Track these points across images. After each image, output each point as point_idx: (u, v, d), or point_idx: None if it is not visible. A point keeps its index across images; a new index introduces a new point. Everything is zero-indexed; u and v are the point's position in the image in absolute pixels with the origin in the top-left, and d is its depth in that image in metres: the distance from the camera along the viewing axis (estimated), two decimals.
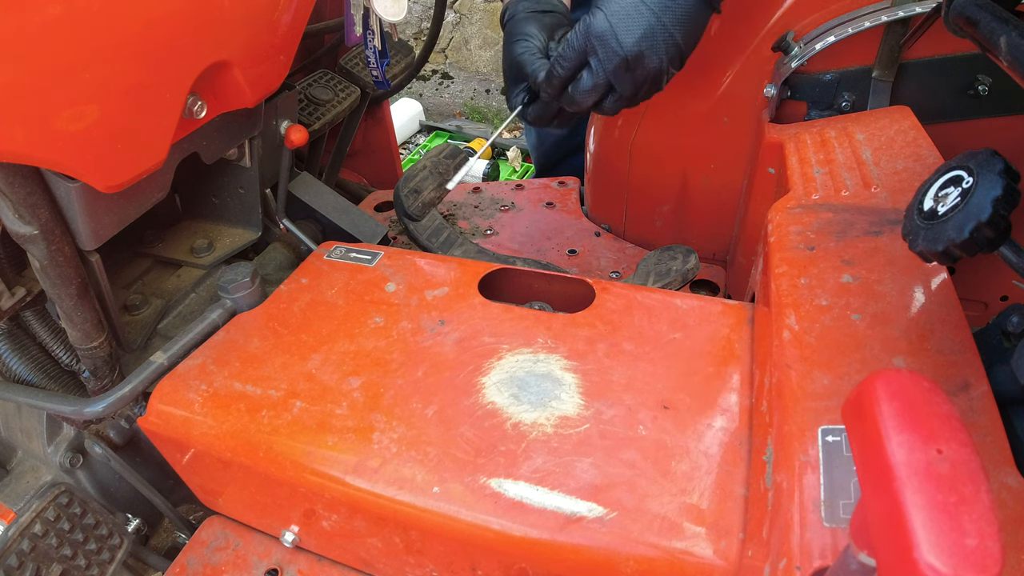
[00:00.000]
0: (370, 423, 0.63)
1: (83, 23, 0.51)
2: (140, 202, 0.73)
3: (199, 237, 0.94)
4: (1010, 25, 0.53)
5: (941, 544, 0.24)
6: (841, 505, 0.43)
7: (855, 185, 0.72)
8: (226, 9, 0.65)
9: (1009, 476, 0.43)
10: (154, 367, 0.72)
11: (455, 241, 1.16)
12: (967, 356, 0.50)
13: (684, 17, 0.69)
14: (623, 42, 0.69)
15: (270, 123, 0.91)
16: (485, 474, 0.57)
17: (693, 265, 0.93)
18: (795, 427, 0.48)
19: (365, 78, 1.24)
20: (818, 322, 0.56)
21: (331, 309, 0.78)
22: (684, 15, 0.69)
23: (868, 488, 0.28)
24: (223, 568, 0.74)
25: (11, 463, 0.87)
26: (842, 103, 0.90)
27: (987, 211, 0.43)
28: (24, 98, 0.50)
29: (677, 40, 0.70)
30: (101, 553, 0.74)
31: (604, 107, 0.76)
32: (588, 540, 0.52)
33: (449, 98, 3.55)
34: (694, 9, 0.70)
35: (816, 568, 0.41)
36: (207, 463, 0.69)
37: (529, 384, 0.64)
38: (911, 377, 0.29)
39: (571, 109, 0.78)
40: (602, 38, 0.70)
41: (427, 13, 3.55)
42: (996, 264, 0.57)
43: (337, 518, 0.64)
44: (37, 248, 0.63)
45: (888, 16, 0.81)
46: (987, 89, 0.83)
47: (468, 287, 0.78)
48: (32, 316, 0.75)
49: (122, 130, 0.60)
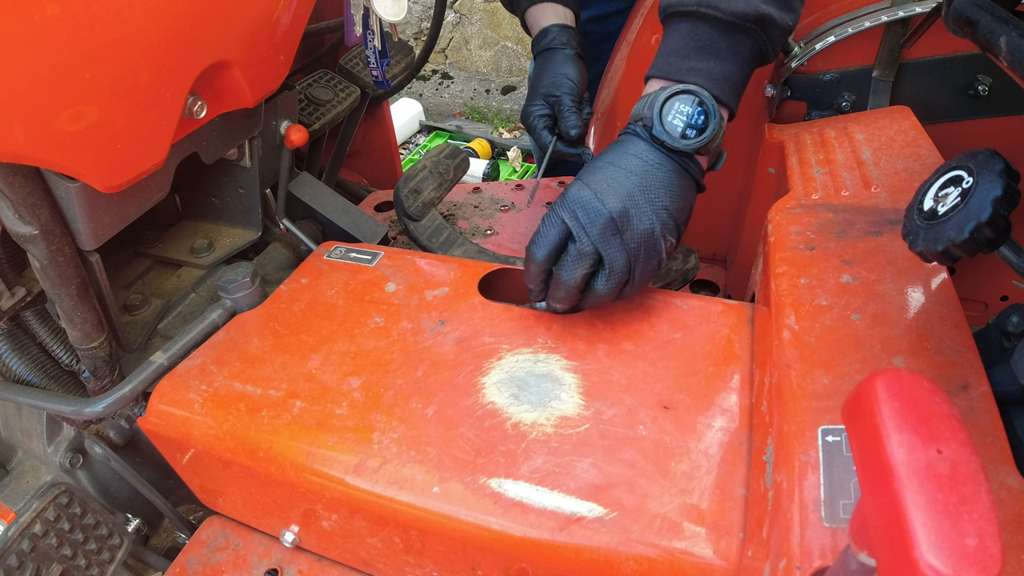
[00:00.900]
0: (370, 423, 0.63)
1: (83, 23, 0.51)
2: (140, 202, 0.73)
3: (199, 237, 0.94)
4: (1010, 25, 0.53)
5: (941, 544, 0.24)
6: (841, 505, 0.43)
7: (855, 185, 0.72)
8: (226, 9, 0.65)
9: (1009, 476, 0.43)
10: (154, 367, 0.72)
11: (455, 241, 1.16)
12: (967, 356, 0.50)
13: (669, 183, 0.66)
14: (606, 202, 0.63)
15: (270, 123, 0.91)
16: (485, 474, 0.57)
17: (693, 265, 0.93)
18: (795, 427, 0.48)
19: (365, 78, 1.24)
20: (818, 322, 0.56)
21: (331, 309, 0.78)
22: (668, 181, 0.66)
23: (868, 488, 0.28)
24: (223, 568, 0.74)
25: (11, 463, 0.87)
26: (842, 103, 0.90)
27: (987, 211, 0.43)
28: (24, 98, 0.50)
29: (666, 203, 0.65)
30: (101, 553, 0.74)
31: (596, 288, 0.65)
32: (588, 540, 0.52)
33: (449, 98, 3.55)
34: (677, 175, 0.67)
35: (816, 568, 0.41)
36: (207, 463, 0.69)
37: (529, 384, 0.64)
38: (911, 377, 0.29)
39: (559, 298, 0.67)
40: (583, 201, 0.64)
41: (427, 13, 3.55)
42: (996, 264, 0.57)
43: (337, 518, 0.64)
44: (37, 248, 0.63)
45: (888, 16, 0.81)
46: (987, 89, 0.83)
47: (468, 287, 0.78)
48: (32, 316, 0.75)
49: (122, 130, 0.60)
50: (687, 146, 0.66)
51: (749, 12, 0.66)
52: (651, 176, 0.66)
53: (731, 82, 0.68)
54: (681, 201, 0.67)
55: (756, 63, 0.71)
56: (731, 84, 0.69)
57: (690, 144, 0.66)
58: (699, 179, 0.69)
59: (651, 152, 0.67)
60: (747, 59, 0.69)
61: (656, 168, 0.66)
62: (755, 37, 0.68)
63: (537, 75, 0.99)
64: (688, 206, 0.69)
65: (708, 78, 0.67)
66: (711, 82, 0.67)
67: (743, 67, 0.69)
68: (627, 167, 0.66)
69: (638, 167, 0.66)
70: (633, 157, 0.67)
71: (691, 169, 0.68)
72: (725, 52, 0.68)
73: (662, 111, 0.67)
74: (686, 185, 0.68)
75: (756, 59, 0.70)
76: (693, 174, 0.68)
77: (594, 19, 1.34)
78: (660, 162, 0.67)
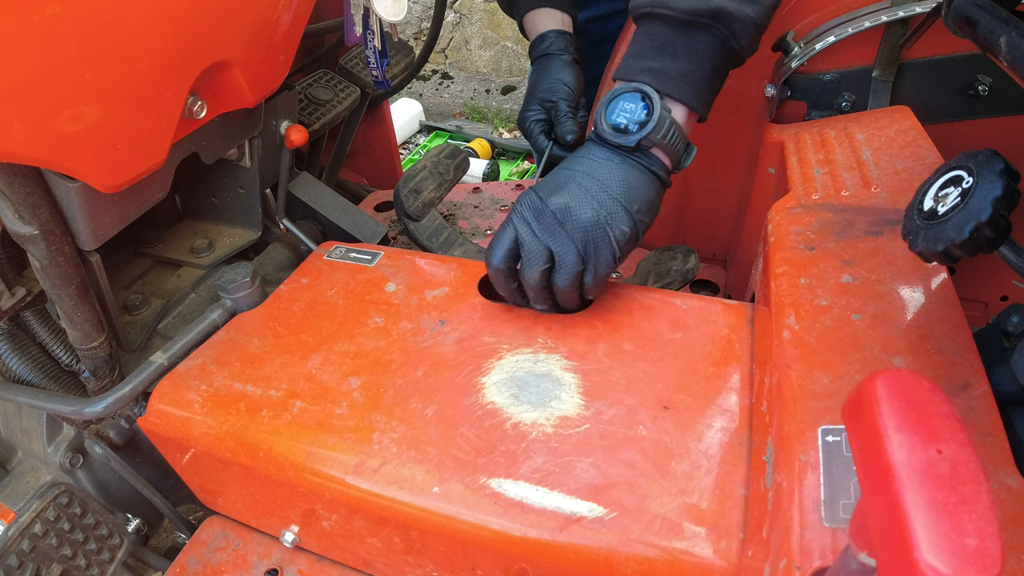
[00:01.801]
0: (370, 423, 0.63)
1: (83, 23, 0.51)
2: (140, 202, 0.73)
3: (199, 237, 0.94)
4: (1010, 25, 0.53)
5: (941, 544, 0.24)
6: (841, 505, 0.43)
7: (855, 185, 0.72)
8: (226, 9, 0.65)
9: (1009, 476, 0.43)
10: (154, 367, 0.72)
11: (455, 241, 1.16)
12: (967, 356, 0.50)
13: (617, 176, 0.67)
14: (548, 199, 0.66)
15: (270, 123, 0.91)
16: (485, 474, 0.57)
17: (693, 265, 0.93)
18: (795, 427, 0.48)
19: (365, 78, 1.24)
20: (818, 322, 0.56)
21: (331, 309, 0.78)
22: (616, 174, 0.67)
23: (868, 488, 0.28)
24: (223, 568, 0.74)
25: (11, 463, 0.87)
26: (842, 103, 0.90)
27: (987, 211, 0.43)
28: (24, 98, 0.50)
29: (613, 194, 0.66)
30: (101, 553, 0.74)
31: (556, 282, 0.67)
32: (588, 540, 0.52)
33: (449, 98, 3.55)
34: (625, 169, 0.67)
35: (816, 568, 0.41)
36: (207, 463, 0.69)
37: (529, 384, 0.64)
38: (911, 377, 0.29)
39: (534, 299, 0.70)
40: (528, 203, 0.67)
41: (427, 13, 3.55)
42: (996, 264, 0.57)
43: (337, 518, 0.64)
44: (37, 248, 0.63)
45: (888, 16, 0.81)
46: (987, 89, 0.83)
47: (468, 287, 0.78)
48: (32, 316, 0.75)
49: (122, 130, 0.60)
50: (627, 141, 0.67)
51: (701, 8, 0.65)
52: (596, 171, 0.67)
53: (689, 80, 0.68)
54: (634, 193, 0.67)
55: (724, 60, 0.69)
56: (689, 82, 0.68)
57: (630, 139, 0.66)
58: (659, 173, 0.69)
59: (599, 150, 0.69)
60: (708, 56, 0.68)
61: (603, 163, 0.68)
62: (714, 33, 0.67)
63: (534, 80, 1.00)
64: (646, 199, 0.68)
65: (661, 77, 0.67)
66: (663, 80, 0.67)
67: (703, 64, 0.68)
68: (574, 167, 0.69)
69: (584, 165, 0.68)
70: (583, 159, 0.69)
71: (645, 163, 0.68)
72: (682, 50, 0.68)
73: (607, 111, 0.68)
74: (639, 178, 0.68)
75: (722, 56, 0.69)
76: (650, 168, 0.68)
77: (594, 19, 1.34)
78: (608, 158, 0.68)
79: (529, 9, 1.03)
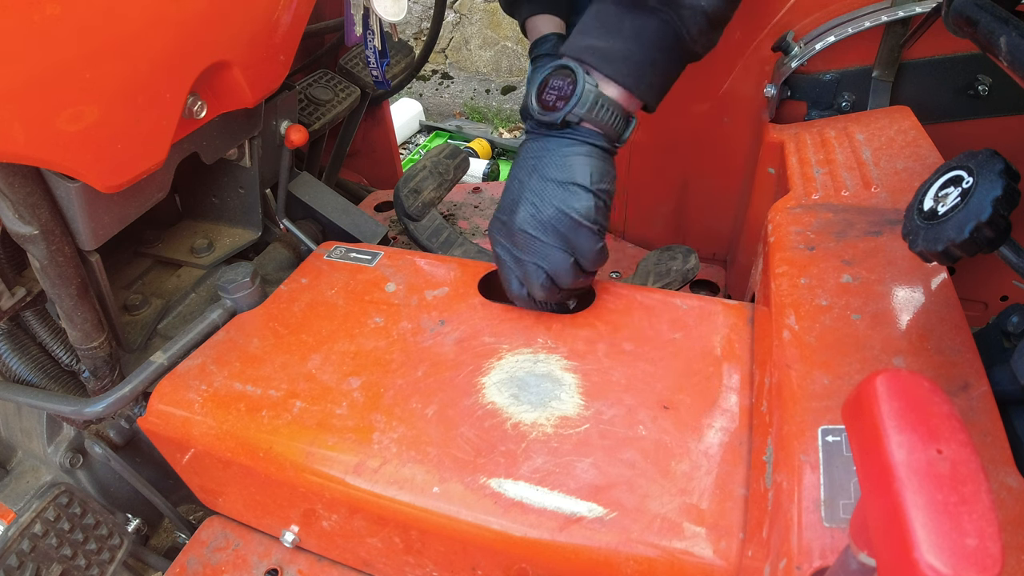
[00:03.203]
0: (370, 423, 0.63)
1: (83, 23, 0.51)
2: (140, 202, 0.73)
3: (199, 237, 0.94)
4: (1010, 25, 0.53)
5: (941, 544, 0.24)
6: (841, 505, 0.43)
7: (855, 185, 0.72)
8: (226, 9, 0.65)
9: (1009, 476, 0.43)
10: (154, 367, 0.72)
11: (455, 241, 1.16)
12: (967, 356, 0.50)
13: (559, 158, 0.66)
14: (509, 219, 0.68)
15: (270, 123, 0.91)
16: (485, 474, 0.57)
17: (693, 265, 0.93)
18: (795, 427, 0.48)
19: (365, 78, 1.24)
20: (818, 322, 0.56)
21: (331, 309, 0.78)
22: (549, 159, 0.66)
23: (868, 488, 0.28)
24: (223, 568, 0.74)
25: (11, 463, 0.87)
26: (842, 103, 0.90)
27: (987, 211, 0.43)
28: (24, 98, 0.50)
29: (562, 178, 0.66)
30: (101, 553, 0.74)
31: (562, 285, 0.68)
32: (588, 540, 0.52)
33: (449, 98, 3.55)
34: (559, 149, 0.66)
35: (816, 568, 0.41)
36: (207, 463, 0.69)
37: (529, 384, 0.64)
38: (911, 377, 0.29)
39: (555, 305, 0.74)
40: (494, 226, 0.70)
41: (427, 13, 3.55)
42: (996, 264, 0.57)
43: (337, 518, 0.64)
44: (37, 248, 0.63)
45: (888, 16, 0.81)
46: (987, 89, 0.83)
47: (468, 287, 0.78)
48: (32, 316, 0.75)
49: (122, 130, 0.60)
50: (552, 117, 0.66)
51: None
52: (538, 166, 0.68)
53: (630, 61, 0.66)
54: (580, 168, 0.66)
55: (672, 47, 0.67)
56: (630, 63, 0.66)
57: (555, 116, 0.66)
58: (596, 143, 0.67)
59: (533, 143, 0.69)
60: (653, 41, 0.66)
61: (541, 154, 0.68)
62: (662, 17, 0.65)
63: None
64: (594, 168, 0.66)
65: (600, 56, 0.66)
66: (602, 59, 0.66)
67: (647, 48, 0.66)
68: (518, 174, 0.69)
69: (527, 165, 0.68)
70: (524, 160, 0.69)
71: (580, 137, 0.67)
72: (628, 31, 0.66)
73: (535, 89, 0.68)
74: (579, 152, 0.67)
75: (669, 42, 0.67)
76: (587, 141, 0.67)
77: None
78: (543, 146, 0.68)
79: (531, 14, 1.17)
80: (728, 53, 0.96)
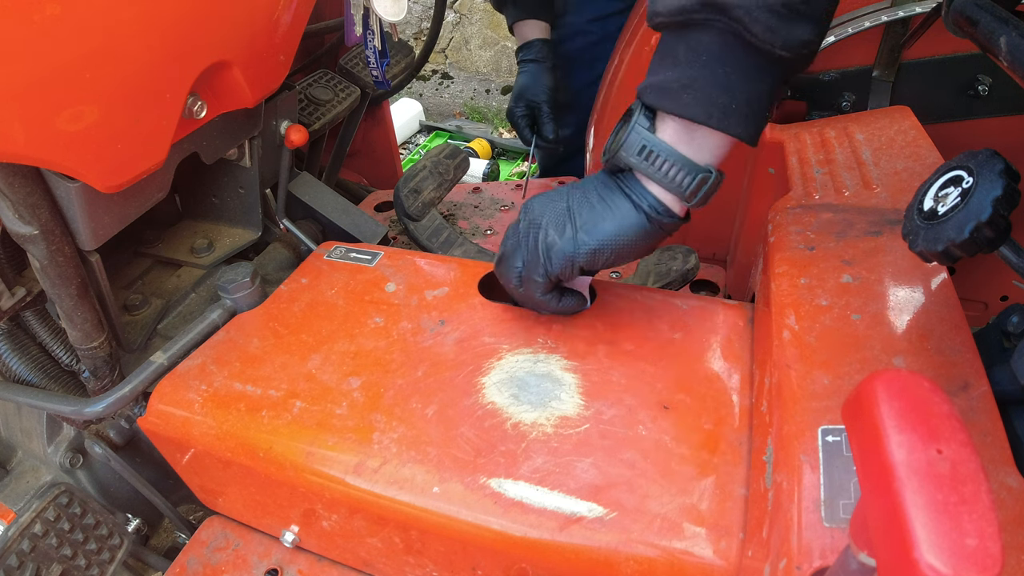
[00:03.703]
0: (370, 423, 0.63)
1: (83, 23, 0.51)
2: (140, 202, 0.73)
3: (199, 237, 0.94)
4: (1010, 25, 0.53)
5: (941, 544, 0.24)
6: (841, 505, 0.43)
7: (855, 185, 0.72)
8: (226, 9, 0.65)
9: (1009, 476, 0.43)
10: (154, 367, 0.72)
11: (455, 241, 1.16)
12: (967, 356, 0.50)
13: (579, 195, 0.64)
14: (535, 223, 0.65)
15: (270, 123, 0.91)
16: (485, 474, 0.57)
17: (693, 265, 0.93)
18: (795, 427, 0.48)
19: (365, 78, 1.24)
20: (818, 322, 0.56)
21: (331, 309, 0.78)
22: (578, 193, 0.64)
23: (868, 488, 0.28)
24: (223, 568, 0.74)
25: (11, 463, 0.87)
26: (842, 103, 0.90)
27: (987, 211, 0.43)
28: (24, 98, 0.50)
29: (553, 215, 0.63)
30: (101, 553, 0.74)
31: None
32: (588, 540, 0.52)
33: (449, 98, 3.55)
34: (603, 191, 0.63)
35: (816, 568, 0.41)
36: (207, 463, 0.69)
37: (529, 384, 0.64)
38: (911, 377, 0.29)
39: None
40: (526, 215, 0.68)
41: (427, 13, 3.55)
42: (996, 264, 0.57)
43: (337, 518, 0.64)
44: (37, 248, 0.63)
45: (888, 16, 0.81)
46: (987, 89, 0.83)
47: (468, 287, 0.78)
48: (32, 316, 0.75)
49: (122, 130, 0.60)
50: (603, 158, 0.63)
51: (688, 3, 0.54)
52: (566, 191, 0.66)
53: (693, 88, 0.56)
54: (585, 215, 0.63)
55: (743, 60, 0.55)
56: (693, 91, 0.56)
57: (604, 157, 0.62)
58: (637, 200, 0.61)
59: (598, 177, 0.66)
60: (716, 56, 0.55)
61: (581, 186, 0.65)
62: (717, 27, 0.54)
63: (523, 82, 1.29)
64: (596, 223, 0.62)
65: (658, 91, 0.58)
66: (660, 94, 0.58)
67: (711, 68, 0.56)
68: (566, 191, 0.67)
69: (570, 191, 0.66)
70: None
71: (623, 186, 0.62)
72: (683, 56, 0.57)
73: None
74: (601, 199, 0.63)
75: (737, 55, 0.55)
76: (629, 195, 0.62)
77: (594, 19, 1.35)
78: (591, 179, 0.65)
79: (516, 20, 1.29)
80: None
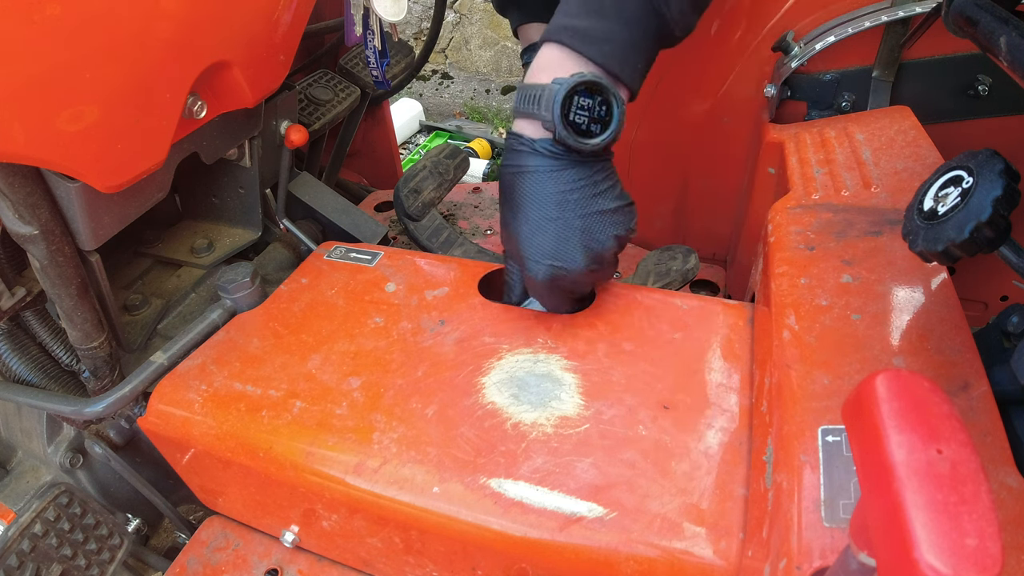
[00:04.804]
0: (370, 423, 0.63)
1: (82, 23, 0.51)
2: (140, 202, 0.73)
3: (199, 237, 0.94)
4: (1010, 25, 0.53)
5: (941, 544, 0.24)
6: (841, 505, 0.43)
7: (855, 185, 0.72)
8: (226, 9, 0.65)
9: (1009, 476, 0.43)
10: (154, 367, 0.72)
11: (455, 241, 1.16)
12: (967, 356, 0.50)
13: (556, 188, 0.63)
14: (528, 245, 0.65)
15: (270, 123, 0.91)
16: (485, 474, 0.57)
17: (693, 265, 0.93)
18: (795, 427, 0.48)
19: (365, 78, 1.24)
20: (818, 322, 0.56)
21: (331, 309, 0.78)
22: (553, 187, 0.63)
23: (868, 488, 0.28)
24: (223, 568, 0.74)
25: (11, 463, 0.87)
26: (842, 103, 0.90)
27: (987, 211, 0.43)
28: (24, 98, 0.50)
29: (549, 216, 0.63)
30: (101, 553, 0.74)
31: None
32: (588, 540, 0.52)
33: (449, 98, 3.55)
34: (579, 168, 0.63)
35: (816, 568, 0.41)
36: (207, 463, 0.69)
37: (529, 384, 0.64)
38: (911, 377, 0.29)
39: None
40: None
41: (427, 13, 3.55)
42: (996, 264, 0.57)
43: (337, 518, 0.64)
44: (37, 248, 0.63)
45: (888, 16, 0.81)
46: (987, 89, 0.83)
47: (468, 287, 0.78)
48: (32, 316, 0.75)
49: (122, 130, 0.60)
50: (588, 145, 0.61)
51: None
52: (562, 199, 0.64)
53: (615, 43, 0.61)
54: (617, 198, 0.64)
55: (653, 28, 0.62)
56: (615, 45, 0.61)
57: (593, 142, 0.61)
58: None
59: (567, 171, 0.63)
60: (636, 18, 0.61)
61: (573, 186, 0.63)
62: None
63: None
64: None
65: (583, 37, 0.60)
66: (585, 41, 0.60)
67: (630, 27, 0.61)
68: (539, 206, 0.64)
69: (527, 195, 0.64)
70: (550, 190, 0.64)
71: (610, 163, 0.65)
72: (609, 8, 0.61)
73: (562, 106, 0.60)
74: (614, 181, 0.66)
75: (651, 22, 0.62)
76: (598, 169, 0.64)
77: None
78: (576, 176, 0.63)
79: (521, 23, 1.26)
80: (728, 53, 0.96)
